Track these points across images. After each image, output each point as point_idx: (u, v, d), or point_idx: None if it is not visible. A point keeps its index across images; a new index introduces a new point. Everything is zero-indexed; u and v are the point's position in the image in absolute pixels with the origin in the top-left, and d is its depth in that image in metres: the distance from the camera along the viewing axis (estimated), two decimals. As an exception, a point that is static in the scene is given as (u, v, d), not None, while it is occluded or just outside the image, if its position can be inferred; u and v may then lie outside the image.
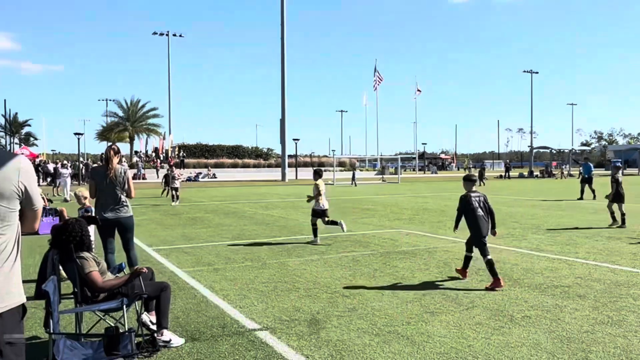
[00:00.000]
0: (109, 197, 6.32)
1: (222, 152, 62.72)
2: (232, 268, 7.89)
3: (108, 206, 6.32)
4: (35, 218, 2.41)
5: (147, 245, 10.26)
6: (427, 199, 22.62)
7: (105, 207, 6.33)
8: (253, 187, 36.08)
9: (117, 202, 6.32)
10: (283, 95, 48.19)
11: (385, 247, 9.71)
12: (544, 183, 40.63)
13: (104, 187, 6.34)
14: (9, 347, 2.19)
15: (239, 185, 38.21)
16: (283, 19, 47.20)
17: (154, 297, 4.62)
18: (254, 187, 35.19)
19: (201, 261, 8.50)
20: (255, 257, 8.82)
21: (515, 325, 5.06)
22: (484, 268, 7.67)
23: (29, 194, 2.29)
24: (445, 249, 9.51)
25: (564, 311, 5.51)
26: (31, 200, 2.32)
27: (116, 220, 6.32)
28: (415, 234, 11.63)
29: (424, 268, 7.77)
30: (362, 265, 7.99)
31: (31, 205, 2.34)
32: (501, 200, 21.76)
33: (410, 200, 22.23)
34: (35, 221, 2.42)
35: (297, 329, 4.98)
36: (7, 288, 2.21)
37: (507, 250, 9.32)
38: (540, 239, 10.59)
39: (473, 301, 5.90)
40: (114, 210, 6.31)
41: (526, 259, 8.42)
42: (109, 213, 6.30)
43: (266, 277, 7.25)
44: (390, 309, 5.63)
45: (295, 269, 7.80)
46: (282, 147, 49.11)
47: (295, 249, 9.66)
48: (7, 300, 2.20)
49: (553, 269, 7.62)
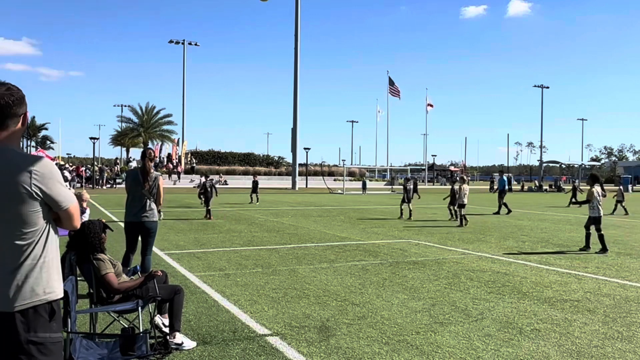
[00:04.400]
0: (138, 201, 6.39)
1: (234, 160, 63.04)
2: (243, 274, 7.91)
3: (135, 209, 6.38)
4: (69, 217, 2.38)
5: (159, 249, 10.31)
6: (436, 210, 22.53)
7: (132, 210, 6.40)
8: (264, 194, 36.13)
9: (144, 206, 6.38)
10: (295, 104, 48.38)
11: (394, 257, 9.69)
12: (553, 197, 40.32)
13: (135, 191, 6.40)
14: (33, 346, 2.18)
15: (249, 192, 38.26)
16: (297, 30, 47.49)
17: (167, 300, 4.65)
18: (265, 195, 35.25)
19: (212, 266, 8.53)
20: (266, 263, 8.84)
21: (524, 338, 5.02)
22: (493, 280, 7.64)
23: (49, 195, 2.27)
24: (455, 260, 9.47)
25: (573, 325, 5.46)
26: (55, 202, 2.30)
27: (140, 223, 6.37)
28: (425, 244, 11.59)
29: (433, 279, 7.74)
30: (372, 275, 7.98)
31: (58, 206, 2.32)
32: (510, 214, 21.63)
33: (419, 211, 22.15)
34: (71, 220, 2.39)
35: (307, 336, 4.97)
36: (31, 286, 2.22)
37: (516, 263, 9.26)
38: (550, 253, 10.50)
39: (482, 313, 5.86)
40: (139, 214, 6.37)
41: (535, 273, 8.36)
42: (135, 216, 6.37)
43: (276, 283, 7.26)
44: (400, 318, 5.62)
45: (305, 276, 7.80)
46: (293, 155, 49.21)
47: (305, 256, 9.66)
48: (30, 297, 2.21)
49: (562, 283, 7.56)
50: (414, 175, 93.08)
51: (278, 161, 68.21)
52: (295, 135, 48.21)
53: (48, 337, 2.23)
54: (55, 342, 2.26)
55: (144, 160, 6.53)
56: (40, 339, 2.21)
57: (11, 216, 2.22)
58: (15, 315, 2.17)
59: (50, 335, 2.24)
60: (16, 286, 2.20)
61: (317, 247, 10.93)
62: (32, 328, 2.20)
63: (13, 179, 2.22)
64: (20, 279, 2.21)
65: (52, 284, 2.29)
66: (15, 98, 2.28)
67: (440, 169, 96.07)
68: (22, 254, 2.22)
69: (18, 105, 2.29)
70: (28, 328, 2.19)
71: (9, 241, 2.21)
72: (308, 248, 10.75)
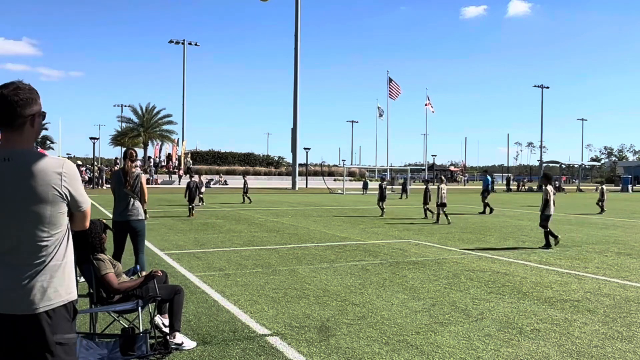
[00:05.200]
0: (123, 200, 6.50)
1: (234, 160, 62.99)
2: (243, 274, 7.91)
3: (120, 209, 6.49)
4: (84, 217, 2.42)
5: (159, 249, 10.31)
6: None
7: (118, 210, 6.52)
8: (264, 194, 36.15)
9: (128, 205, 6.48)
10: (295, 104, 48.38)
11: (394, 257, 9.68)
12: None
13: (119, 191, 6.52)
14: (59, 347, 2.19)
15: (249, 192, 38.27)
16: (297, 29, 47.49)
17: (167, 300, 4.65)
18: (265, 195, 35.26)
19: (212, 266, 8.53)
20: (266, 263, 8.84)
21: (524, 338, 5.02)
22: (493, 280, 7.64)
23: (73, 197, 2.30)
24: (454, 260, 9.47)
25: (573, 325, 5.46)
26: (77, 203, 2.33)
27: (126, 222, 6.47)
28: (425, 244, 11.59)
29: (433, 279, 7.73)
30: (372, 275, 7.97)
31: (77, 207, 2.35)
32: (510, 214, 21.63)
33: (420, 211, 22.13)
34: (85, 220, 2.43)
35: (307, 336, 4.97)
36: (55, 287, 2.23)
37: (516, 263, 9.26)
38: (550, 253, 10.50)
39: (482, 313, 5.86)
40: (124, 214, 6.47)
41: (535, 273, 8.36)
42: (121, 215, 6.47)
43: (276, 283, 7.26)
44: (400, 318, 5.61)
45: (305, 276, 7.80)
46: (293, 155, 49.21)
47: (305, 256, 9.66)
48: (54, 298, 2.22)
49: (562, 283, 7.56)
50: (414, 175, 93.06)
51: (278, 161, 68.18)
52: (295, 135, 48.21)
53: (72, 337, 2.26)
54: (75, 341, 2.31)
55: (125, 161, 6.68)
56: (66, 339, 2.22)
57: (39, 218, 2.21)
58: (40, 317, 2.17)
59: (72, 336, 2.27)
60: (41, 287, 2.20)
61: (317, 247, 10.92)
62: (58, 329, 2.20)
63: (43, 180, 2.21)
64: (45, 280, 2.21)
65: (71, 285, 2.31)
66: (21, 98, 2.24)
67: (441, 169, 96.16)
68: (48, 256, 2.23)
69: (24, 106, 2.25)
70: (54, 329, 2.19)
71: (36, 243, 2.21)
72: (308, 248, 10.75)
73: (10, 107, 2.23)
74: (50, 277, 2.23)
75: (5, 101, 2.23)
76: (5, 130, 2.27)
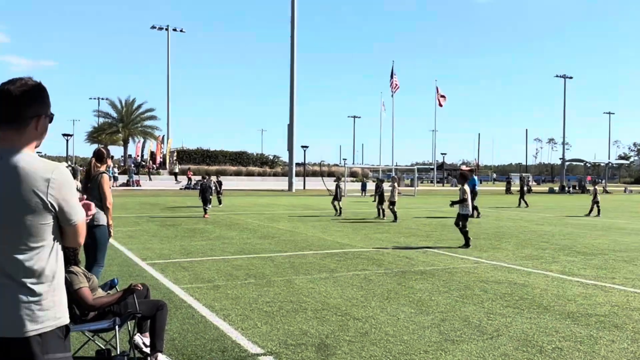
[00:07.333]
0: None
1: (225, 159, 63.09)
2: (234, 285, 7.89)
3: None
4: (75, 233, 2.35)
5: (140, 258, 10.28)
6: (447, 214, 22.49)
7: None
8: (257, 197, 36.16)
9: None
10: (292, 98, 48.42)
11: (400, 266, 9.66)
12: (576, 199, 40.35)
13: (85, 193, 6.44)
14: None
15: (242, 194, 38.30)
16: (294, 16, 47.50)
17: (149, 317, 4.62)
18: (259, 197, 35.27)
19: (200, 277, 8.50)
20: (259, 273, 8.81)
21: (545, 357, 4.99)
22: (510, 292, 7.62)
23: (62, 208, 2.24)
24: (467, 269, 9.44)
25: (599, 343, 5.43)
26: (65, 215, 2.27)
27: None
28: (434, 252, 11.57)
29: (444, 290, 7.71)
30: (376, 286, 7.95)
31: (67, 220, 2.29)
32: (529, 218, 21.63)
33: (428, 214, 22.14)
34: (77, 236, 2.37)
35: (304, 355, 4.94)
36: (43, 309, 2.21)
37: (536, 273, 9.24)
38: (573, 262, 10.48)
39: (498, 329, 5.84)
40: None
41: (557, 284, 8.33)
42: None
43: (271, 296, 7.24)
44: (406, 334, 5.59)
45: (302, 287, 7.78)
46: (289, 154, 49.27)
47: (302, 265, 9.64)
48: (45, 322, 2.20)
49: (587, 296, 7.53)
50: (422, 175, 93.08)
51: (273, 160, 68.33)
52: (292, 132, 48.21)
53: (63, 356, 2.25)
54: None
55: (90, 159, 6.59)
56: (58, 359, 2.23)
57: (18, 226, 2.18)
58: (31, 340, 2.17)
59: (66, 355, 2.26)
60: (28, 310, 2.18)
61: (316, 255, 10.90)
62: (50, 349, 2.20)
63: (27, 185, 2.18)
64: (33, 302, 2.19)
65: (63, 309, 2.30)
66: (27, 96, 2.24)
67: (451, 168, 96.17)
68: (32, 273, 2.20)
69: (29, 105, 2.25)
70: (45, 349, 2.19)
71: (13, 255, 2.18)
72: (306, 256, 10.73)
73: (14, 104, 2.22)
74: (39, 299, 2.20)
75: (9, 97, 2.22)
76: (6, 128, 2.25)
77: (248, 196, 36.54)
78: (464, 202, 12.55)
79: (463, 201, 12.55)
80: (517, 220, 20.40)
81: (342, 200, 22.05)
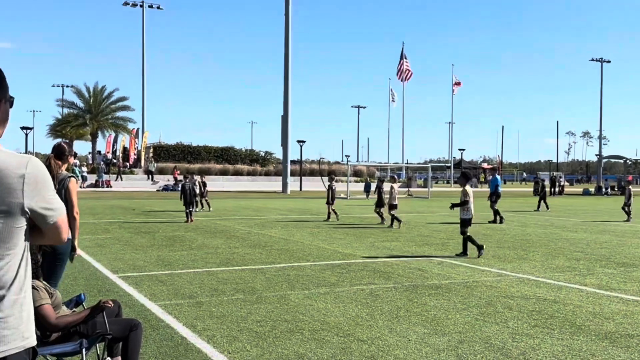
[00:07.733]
0: None
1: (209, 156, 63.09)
2: (220, 302, 7.90)
3: None
4: (57, 230, 2.34)
5: (111, 271, 10.30)
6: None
7: None
8: (247, 199, 36.20)
9: None
10: (286, 86, 48.50)
11: (411, 280, 9.69)
12: (615, 202, 40.38)
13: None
14: None
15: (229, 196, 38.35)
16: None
17: (121, 339, 4.63)
18: (248, 200, 35.31)
19: (180, 292, 8.52)
20: (249, 288, 8.83)
21: (578, 384, 5.00)
22: (538, 310, 7.63)
23: (41, 206, 2.23)
24: (488, 283, 9.47)
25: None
26: (44, 217, 2.25)
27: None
28: (450, 263, 11.59)
29: (462, 308, 7.73)
30: (383, 302, 7.97)
31: (44, 220, 2.27)
32: (560, 224, 21.67)
33: (444, 220, 22.16)
34: (60, 233, 2.36)
35: (300, 383, 4.95)
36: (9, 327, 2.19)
37: (569, 287, 9.26)
38: (612, 275, 10.51)
39: (524, 352, 5.85)
40: None
41: (593, 300, 8.36)
42: None
43: (262, 314, 7.26)
44: (419, 358, 5.61)
45: (298, 304, 7.80)
46: (283, 150, 49.33)
47: (298, 279, 9.66)
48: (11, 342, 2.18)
49: (627, 314, 7.56)
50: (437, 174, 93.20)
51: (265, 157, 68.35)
52: (287, 124, 48.31)
53: None
54: None
55: (48, 158, 6.23)
56: None
57: None
58: None
59: None
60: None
61: (314, 266, 10.93)
62: None
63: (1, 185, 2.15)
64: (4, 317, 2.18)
65: (30, 327, 2.29)
66: None
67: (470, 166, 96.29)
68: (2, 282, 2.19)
69: None
70: None
71: None
72: (302, 268, 10.75)
73: None
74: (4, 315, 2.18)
75: None
76: None
77: (235, 199, 36.60)
78: (465, 204, 12.75)
79: (464, 204, 12.75)
80: (547, 226, 20.44)
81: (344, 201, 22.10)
